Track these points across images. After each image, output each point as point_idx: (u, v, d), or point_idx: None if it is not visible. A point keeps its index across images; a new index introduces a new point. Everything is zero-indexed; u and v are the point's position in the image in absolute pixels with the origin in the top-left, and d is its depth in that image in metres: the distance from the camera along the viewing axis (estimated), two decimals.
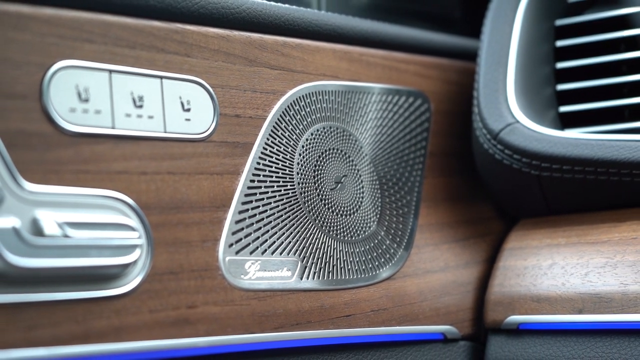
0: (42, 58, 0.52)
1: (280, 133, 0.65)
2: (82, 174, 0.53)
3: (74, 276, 0.51)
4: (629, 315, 0.66)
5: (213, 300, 0.58)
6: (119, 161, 0.55)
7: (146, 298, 0.55)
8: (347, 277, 0.68)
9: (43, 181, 0.51)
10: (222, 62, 0.62)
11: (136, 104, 0.57)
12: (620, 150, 0.69)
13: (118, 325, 0.53)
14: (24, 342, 0.49)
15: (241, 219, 0.62)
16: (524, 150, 0.72)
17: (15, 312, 0.49)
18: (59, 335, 0.51)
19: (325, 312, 0.65)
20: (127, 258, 0.53)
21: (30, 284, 0.50)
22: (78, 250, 0.51)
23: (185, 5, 0.60)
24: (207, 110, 0.61)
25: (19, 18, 0.52)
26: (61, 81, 0.53)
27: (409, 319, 0.71)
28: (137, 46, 0.57)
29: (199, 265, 0.58)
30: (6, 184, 0.49)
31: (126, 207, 0.55)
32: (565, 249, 0.72)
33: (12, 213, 0.49)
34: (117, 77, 0.56)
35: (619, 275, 0.68)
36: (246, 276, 0.61)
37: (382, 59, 0.75)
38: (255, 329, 0.60)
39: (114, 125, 0.55)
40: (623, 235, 0.70)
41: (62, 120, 0.52)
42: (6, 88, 0.50)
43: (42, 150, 0.52)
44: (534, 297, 0.71)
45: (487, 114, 0.75)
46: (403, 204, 0.74)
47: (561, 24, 0.82)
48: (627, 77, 0.76)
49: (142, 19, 0.58)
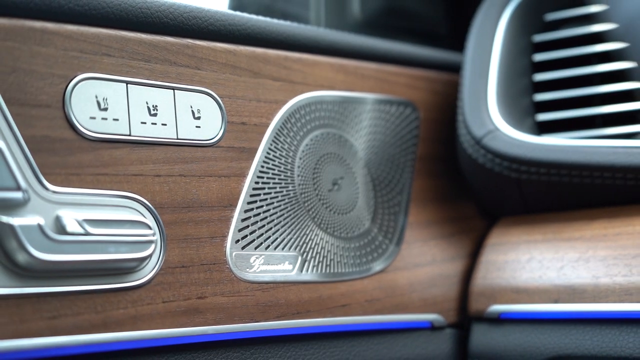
0: (64, 70, 0.52)
1: (282, 139, 0.65)
2: (101, 177, 0.53)
3: (94, 270, 0.51)
4: (600, 305, 0.66)
5: (221, 291, 0.58)
6: (135, 165, 0.55)
7: (160, 289, 0.55)
8: (343, 270, 0.67)
9: (65, 183, 0.51)
10: (230, 74, 0.62)
11: (151, 112, 0.56)
12: (592, 154, 0.69)
13: (134, 314, 0.53)
14: (48, 331, 0.49)
15: (247, 217, 0.61)
16: (504, 155, 0.72)
17: (40, 303, 0.49)
18: (79, 324, 0.50)
19: (323, 302, 0.65)
20: (142, 253, 0.53)
21: (54, 277, 0.49)
22: (97, 246, 0.51)
23: (195, 22, 0.60)
24: (216, 118, 0.60)
25: (43, 33, 0.51)
26: (82, 92, 0.52)
27: (400, 308, 0.70)
28: (152, 60, 0.57)
29: (208, 260, 0.58)
30: (31, 186, 0.49)
31: (141, 207, 0.55)
32: (542, 245, 0.72)
33: (37, 212, 0.49)
34: (134, 88, 0.55)
35: (591, 268, 0.67)
36: (251, 269, 0.61)
37: (375, 71, 0.74)
38: (259, 317, 0.60)
39: (131, 132, 0.55)
40: (594, 233, 0.70)
41: (83, 128, 0.52)
42: (32, 98, 0.50)
43: (65, 155, 0.51)
44: (514, 288, 0.71)
45: (471, 121, 0.75)
46: (394, 203, 0.74)
47: (538, 39, 0.82)
48: (598, 87, 0.76)
49: (157, 35, 0.58)
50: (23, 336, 0.48)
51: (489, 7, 0.83)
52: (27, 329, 0.48)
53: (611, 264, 0.67)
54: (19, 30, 0.50)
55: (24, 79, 0.50)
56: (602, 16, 0.77)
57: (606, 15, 0.76)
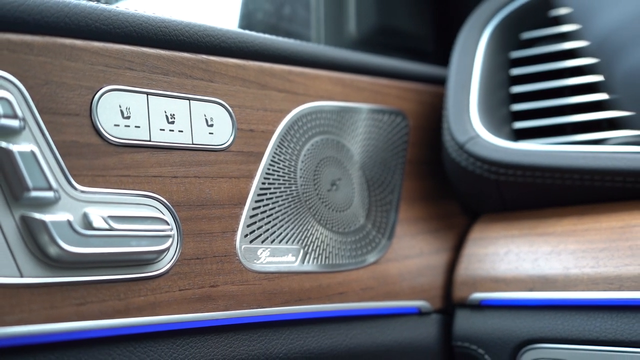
0: (91, 83, 0.52)
1: (286, 144, 0.65)
2: (124, 178, 0.53)
3: (117, 261, 0.51)
4: (570, 293, 0.66)
5: (231, 280, 0.58)
6: (154, 167, 0.55)
7: (176, 279, 0.54)
8: (341, 261, 0.67)
9: (92, 184, 0.51)
10: (239, 86, 0.62)
11: (169, 120, 0.56)
12: (563, 159, 0.69)
13: (153, 301, 0.53)
14: (76, 316, 0.48)
15: (254, 214, 0.61)
16: (484, 159, 0.72)
17: (69, 291, 0.48)
18: (104, 309, 0.50)
19: (322, 290, 0.64)
20: (161, 246, 0.53)
21: (81, 268, 0.49)
22: (120, 239, 0.50)
23: (209, 39, 0.60)
24: (227, 125, 0.60)
25: (72, 49, 0.51)
26: (107, 102, 0.52)
27: (391, 295, 0.70)
28: (170, 73, 0.57)
29: (219, 252, 0.58)
30: (61, 186, 0.49)
31: (160, 205, 0.54)
32: (519, 239, 0.72)
33: (66, 210, 0.48)
34: (153, 98, 0.55)
35: (562, 260, 0.67)
36: (258, 261, 0.60)
37: (369, 84, 0.74)
38: (265, 304, 0.60)
39: (151, 138, 0.55)
40: (565, 228, 0.70)
41: (108, 134, 0.52)
42: (62, 107, 0.50)
43: (91, 158, 0.51)
44: (493, 278, 0.71)
45: (455, 129, 0.75)
46: (386, 202, 0.73)
47: (515, 56, 0.82)
48: (569, 99, 0.76)
49: (174, 51, 0.57)
50: (53, 321, 0.48)
51: (471, 27, 0.83)
52: (57, 314, 0.48)
53: (580, 256, 0.66)
54: (51, 47, 0.50)
55: (55, 90, 0.50)
56: (574, 34, 0.77)
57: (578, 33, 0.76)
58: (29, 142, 0.48)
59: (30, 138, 0.48)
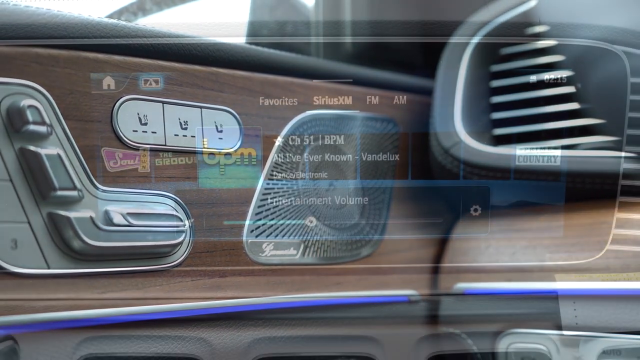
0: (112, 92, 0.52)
1: (289, 148, 0.65)
2: (142, 178, 0.53)
3: (136, 254, 0.51)
4: (545, 284, 0.65)
5: (239, 271, 0.58)
6: (169, 169, 0.54)
7: (189, 270, 0.54)
8: (338, 254, 0.67)
9: (112, 184, 0.51)
10: (246, 96, 0.62)
11: (182, 126, 0.56)
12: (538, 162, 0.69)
13: (168, 290, 0.53)
14: (98, 303, 0.48)
15: (259, 212, 0.61)
16: (467, 162, 0.72)
17: (92, 280, 0.48)
18: (124, 297, 0.50)
19: (321, 280, 0.64)
20: (175, 240, 0.53)
21: (103, 260, 0.49)
22: (138, 234, 0.50)
23: (219, 54, 0.60)
24: (235, 131, 0.60)
25: (95, 62, 0.51)
26: (126, 110, 0.52)
27: (383, 285, 0.70)
28: (183, 84, 0.57)
29: (228, 246, 0.58)
30: (85, 186, 0.49)
31: (175, 203, 0.54)
32: (498, 235, 0.72)
33: (89, 207, 0.48)
34: (168, 107, 0.55)
35: (537, 254, 0.67)
36: (263, 254, 0.60)
37: (364, 94, 0.74)
38: (269, 293, 0.60)
39: (166, 143, 0.54)
40: (540, 225, 0.70)
41: (127, 139, 0.52)
42: (86, 114, 0.50)
43: None
44: (475, 269, 0.71)
45: (441, 135, 0.75)
46: (379, 201, 0.73)
47: (495, 69, 0.82)
48: (543, 108, 0.76)
49: (187, 64, 0.57)
50: (78, 308, 0.47)
51: (455, 43, 0.83)
52: (82, 302, 0.48)
53: (554, 250, 0.66)
54: (76, 60, 0.50)
55: (79, 99, 0.50)
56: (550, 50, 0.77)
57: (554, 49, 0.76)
58: (56, 146, 0.48)
59: (56, 142, 0.48)
